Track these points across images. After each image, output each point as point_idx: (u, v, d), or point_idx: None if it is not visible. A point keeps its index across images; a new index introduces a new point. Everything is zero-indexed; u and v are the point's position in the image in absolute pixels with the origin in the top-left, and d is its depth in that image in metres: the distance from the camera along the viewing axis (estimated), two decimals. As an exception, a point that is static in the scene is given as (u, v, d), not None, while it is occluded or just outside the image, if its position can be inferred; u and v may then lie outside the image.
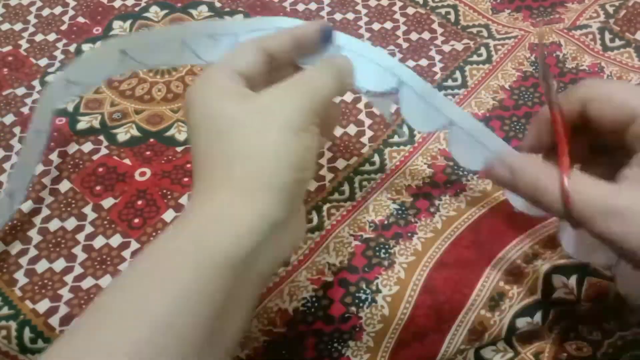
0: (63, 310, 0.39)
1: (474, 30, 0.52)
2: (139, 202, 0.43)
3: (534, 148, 0.32)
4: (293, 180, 0.27)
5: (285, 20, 0.35)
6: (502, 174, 0.30)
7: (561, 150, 0.29)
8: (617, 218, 0.25)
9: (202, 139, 0.28)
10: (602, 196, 0.26)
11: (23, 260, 0.41)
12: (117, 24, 0.55)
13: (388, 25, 0.53)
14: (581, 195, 0.26)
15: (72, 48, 0.53)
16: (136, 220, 0.42)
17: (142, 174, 0.45)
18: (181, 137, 0.47)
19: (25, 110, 0.49)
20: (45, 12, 0.56)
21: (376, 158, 0.45)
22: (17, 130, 0.48)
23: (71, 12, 0.56)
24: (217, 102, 0.28)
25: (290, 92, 0.29)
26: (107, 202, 0.43)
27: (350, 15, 0.54)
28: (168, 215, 0.42)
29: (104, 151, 0.46)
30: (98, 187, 0.44)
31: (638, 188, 0.26)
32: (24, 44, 0.53)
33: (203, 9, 0.55)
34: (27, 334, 0.38)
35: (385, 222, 0.41)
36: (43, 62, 0.52)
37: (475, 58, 0.50)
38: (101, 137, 0.47)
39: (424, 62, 0.50)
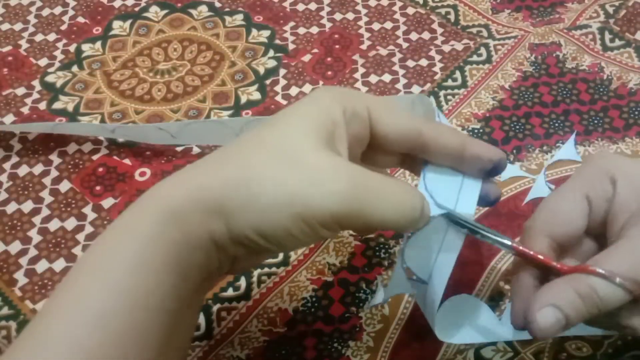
0: (63, 310, 0.38)
1: (474, 30, 0.52)
2: (139, 202, 0.43)
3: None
4: (257, 242, 0.26)
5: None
6: (554, 319, 0.27)
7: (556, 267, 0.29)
8: None
9: (252, 135, 0.27)
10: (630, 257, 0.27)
11: (23, 260, 0.41)
12: (117, 24, 0.55)
13: (388, 25, 0.53)
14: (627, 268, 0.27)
15: (72, 48, 0.53)
16: (136, 220, 0.42)
17: (142, 174, 0.45)
18: (181, 137, 0.47)
19: (25, 110, 0.49)
20: (45, 12, 0.56)
21: (376, 158, 0.45)
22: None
23: (71, 12, 0.56)
24: (297, 129, 0.26)
25: (336, 191, 0.25)
26: (107, 202, 0.43)
27: (350, 15, 0.54)
28: (168, 215, 0.42)
29: (104, 151, 0.46)
30: (98, 187, 0.44)
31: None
32: (24, 44, 0.53)
33: (203, 8, 0.55)
34: (27, 334, 0.38)
35: (385, 222, 0.41)
36: (43, 62, 0.52)
37: (475, 58, 0.50)
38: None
39: (424, 62, 0.50)
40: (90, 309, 0.24)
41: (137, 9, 0.56)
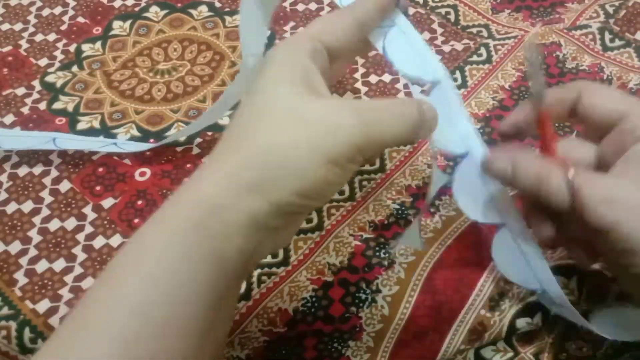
0: (63, 310, 0.39)
1: (474, 30, 0.52)
2: (139, 202, 0.43)
3: (509, 134, 0.34)
4: (299, 204, 0.27)
5: None
6: (503, 167, 0.31)
7: (552, 148, 0.32)
8: (616, 206, 0.28)
9: (246, 109, 0.29)
10: (605, 187, 0.28)
11: (23, 260, 0.41)
12: (117, 24, 0.55)
13: (388, 25, 0.53)
14: (585, 186, 0.28)
15: (72, 48, 0.53)
16: (136, 220, 0.42)
17: (142, 174, 0.45)
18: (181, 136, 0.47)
19: (25, 110, 0.49)
20: (45, 12, 0.56)
21: (376, 158, 0.45)
22: (17, 130, 0.48)
23: (71, 12, 0.56)
24: (280, 86, 0.28)
25: (352, 124, 0.27)
26: (107, 202, 0.43)
27: (350, 15, 0.54)
28: (168, 215, 0.42)
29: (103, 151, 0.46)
30: (98, 187, 0.44)
31: (634, 181, 0.29)
32: (24, 44, 0.53)
33: (203, 8, 0.55)
34: (27, 334, 0.38)
35: (385, 222, 0.41)
36: (43, 62, 0.52)
37: (475, 58, 0.50)
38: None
39: (424, 62, 0.50)
40: (128, 300, 0.24)
41: (137, 9, 0.56)
